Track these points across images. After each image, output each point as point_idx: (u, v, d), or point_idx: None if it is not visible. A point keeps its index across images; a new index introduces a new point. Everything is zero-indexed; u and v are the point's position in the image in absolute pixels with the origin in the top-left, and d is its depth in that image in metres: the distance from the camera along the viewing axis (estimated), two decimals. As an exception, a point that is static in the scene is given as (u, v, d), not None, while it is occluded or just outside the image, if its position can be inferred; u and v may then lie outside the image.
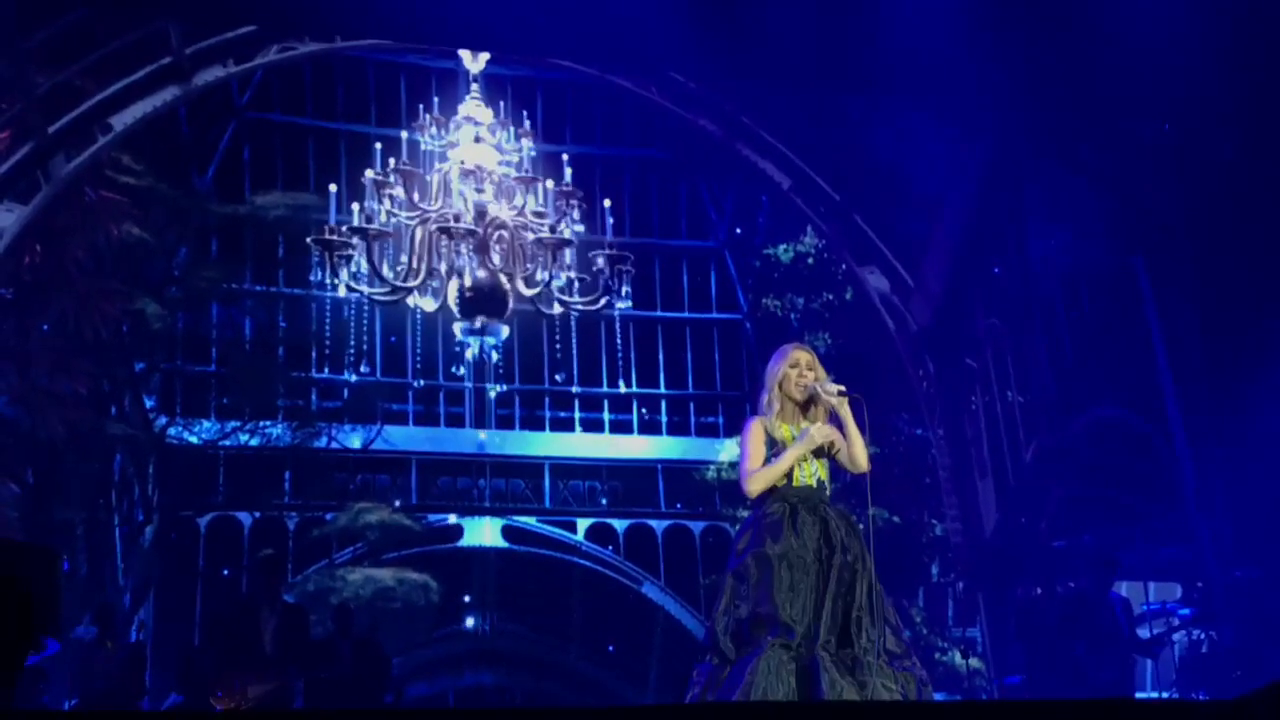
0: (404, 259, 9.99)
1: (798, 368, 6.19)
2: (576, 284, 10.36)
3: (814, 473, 6.12)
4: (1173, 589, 14.76)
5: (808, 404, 6.17)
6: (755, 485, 6.02)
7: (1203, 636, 13.19)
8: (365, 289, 9.92)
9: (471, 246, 9.73)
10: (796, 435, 6.08)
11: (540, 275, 10.12)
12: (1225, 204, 12.72)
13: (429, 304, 10.19)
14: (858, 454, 6.10)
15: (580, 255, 10.41)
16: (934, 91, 13.69)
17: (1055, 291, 15.21)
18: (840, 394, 6.06)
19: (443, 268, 9.89)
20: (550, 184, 10.18)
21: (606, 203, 10.49)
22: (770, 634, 5.70)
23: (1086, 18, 11.98)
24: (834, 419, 6.14)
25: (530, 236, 10.15)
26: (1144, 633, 12.30)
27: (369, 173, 9.81)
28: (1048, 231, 15.30)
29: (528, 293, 10.16)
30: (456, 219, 9.87)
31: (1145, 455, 13.88)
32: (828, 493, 6.20)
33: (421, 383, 15.51)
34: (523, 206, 10.23)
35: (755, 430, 6.10)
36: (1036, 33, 12.26)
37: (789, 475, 6.06)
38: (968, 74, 12.72)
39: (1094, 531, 14.44)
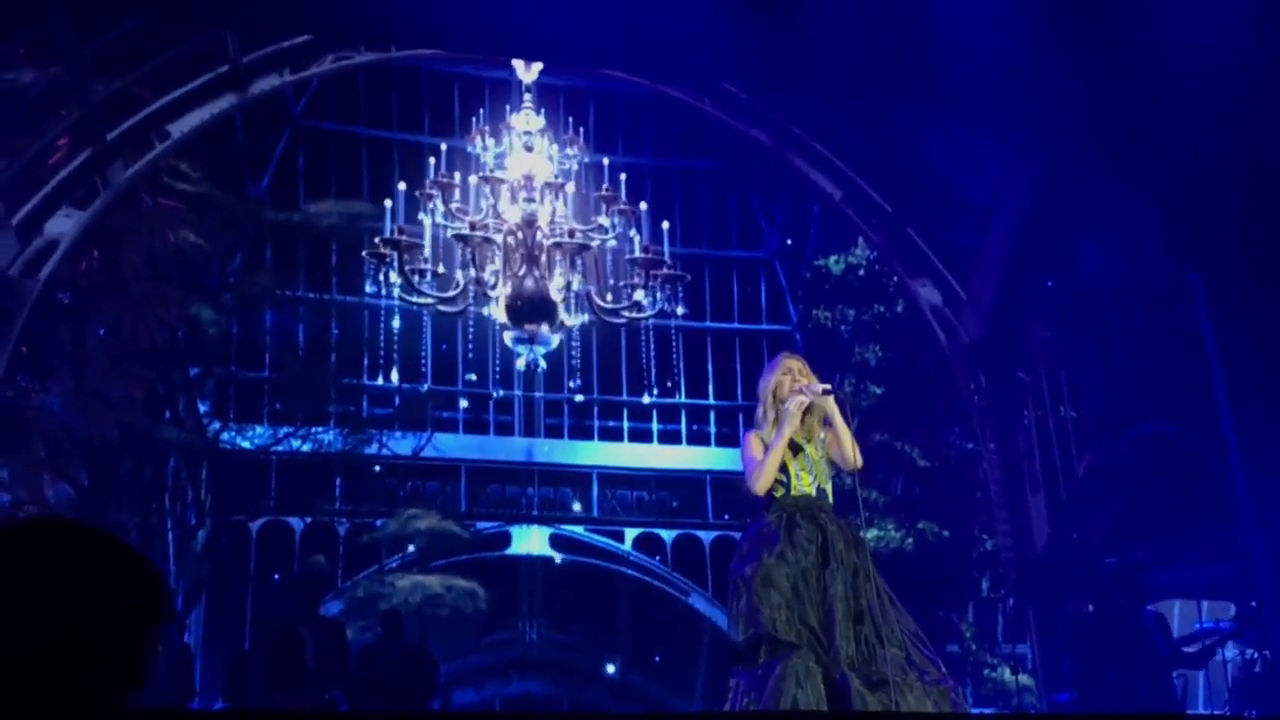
0: (458, 268, 10.05)
1: (790, 374, 6.12)
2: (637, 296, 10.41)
3: (813, 481, 6.00)
4: (1226, 607, 14.60)
5: (804, 414, 6.06)
6: (760, 480, 5.92)
7: (1255, 655, 13.03)
8: (423, 297, 9.98)
9: (534, 256, 9.79)
10: (800, 443, 6.01)
11: (610, 289, 10.18)
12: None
13: (500, 312, 10.24)
14: (846, 448, 5.98)
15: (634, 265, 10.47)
16: (987, 103, 13.62)
17: (1109, 305, 15.09)
18: (825, 392, 5.96)
19: (489, 277, 9.94)
20: (624, 199, 10.24)
21: (665, 225, 10.53)
22: (786, 650, 5.61)
23: (1141, 28, 11.88)
24: (825, 422, 6.07)
25: (596, 248, 10.20)
26: (1191, 648, 12.17)
27: (439, 179, 9.87)
28: (1101, 245, 15.19)
29: (594, 304, 10.21)
30: (514, 228, 9.93)
31: (1198, 472, 13.73)
32: (829, 501, 6.07)
33: (501, 392, 15.49)
34: (586, 219, 10.29)
35: (754, 442, 6.02)
36: (1091, 44, 12.16)
37: (787, 485, 5.95)
38: (1021, 86, 12.65)
39: (1146, 547, 14.31)
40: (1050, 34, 11.86)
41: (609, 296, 10.34)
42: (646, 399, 15.97)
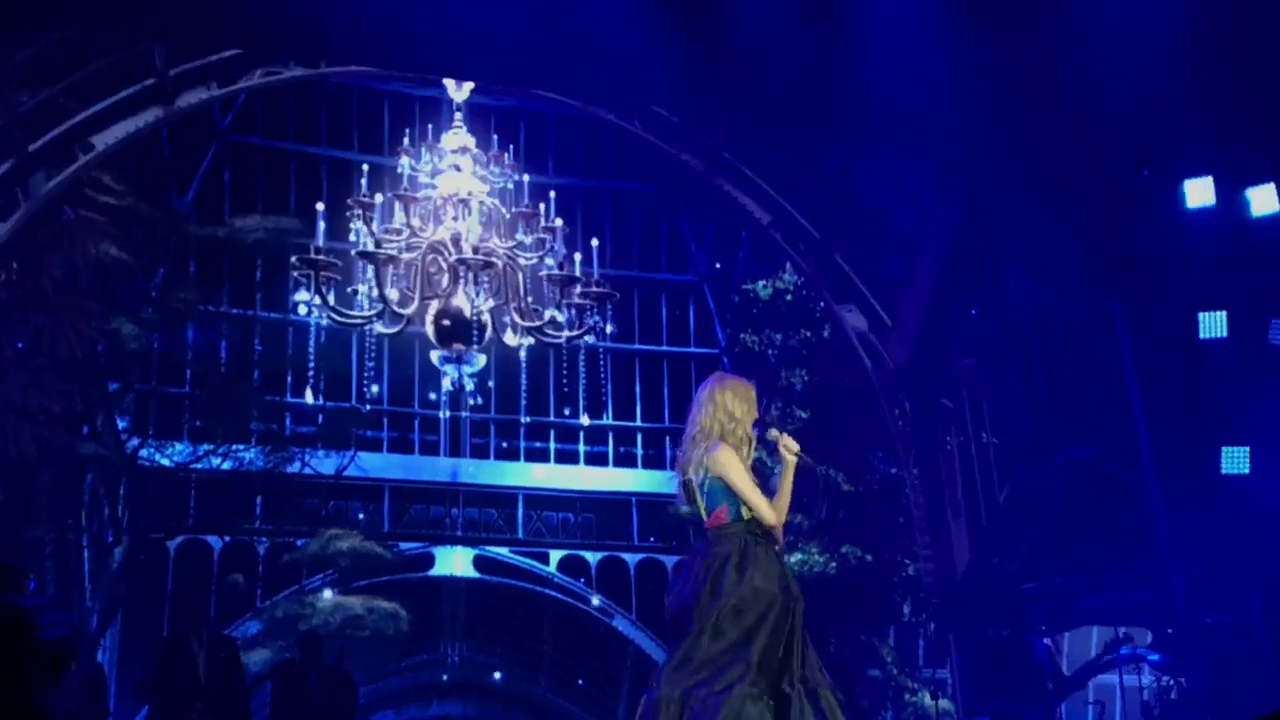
0: (384, 286, 9.97)
1: (753, 406, 6.12)
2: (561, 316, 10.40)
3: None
4: (1144, 634, 14.80)
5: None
6: (782, 515, 5.91)
7: (1171, 682, 13.23)
8: (343, 314, 9.90)
9: (474, 276, 9.74)
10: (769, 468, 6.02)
11: (537, 309, 10.14)
12: (1202, 250, 12.82)
13: (389, 329, 10.17)
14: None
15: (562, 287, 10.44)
16: (915, 133, 13.78)
17: (1032, 334, 15.27)
18: (797, 454, 5.97)
19: (411, 296, 9.89)
20: (553, 219, 10.22)
21: (594, 242, 10.52)
22: (740, 679, 5.60)
23: (1066, 63, 12.07)
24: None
25: (523, 268, 10.18)
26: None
27: (377, 197, 9.81)
28: (1025, 274, 15.38)
29: (521, 324, 10.17)
30: (442, 246, 9.89)
31: (1118, 499, 13.92)
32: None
33: (448, 412, 15.36)
34: (514, 239, 10.26)
35: (734, 457, 5.87)
36: (1017, 78, 12.35)
37: (739, 511, 5.85)
38: (949, 117, 12.81)
39: (1065, 574, 14.48)
40: (977, 67, 12.03)
41: (535, 316, 10.31)
42: (586, 420, 15.96)
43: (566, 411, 16.64)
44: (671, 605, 5.95)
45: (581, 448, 18.40)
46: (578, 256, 10.40)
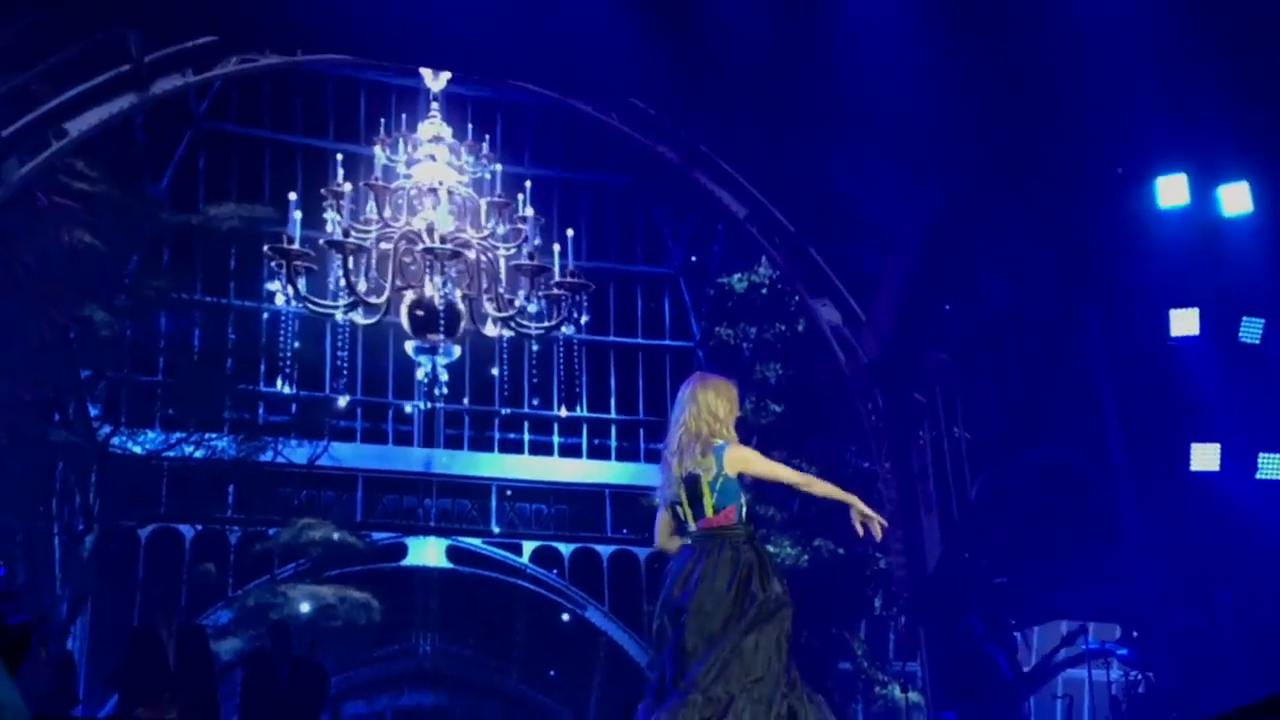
0: (358, 275, 9.93)
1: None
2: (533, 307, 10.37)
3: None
4: (1113, 629, 14.89)
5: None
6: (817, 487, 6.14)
7: (1139, 677, 13.31)
8: (318, 303, 9.86)
9: (441, 265, 9.71)
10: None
11: (512, 300, 10.11)
12: (1175, 248, 12.89)
13: (363, 319, 10.14)
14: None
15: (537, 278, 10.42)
16: (892, 130, 13.80)
17: (1005, 331, 15.33)
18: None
19: (384, 285, 9.85)
20: (530, 209, 10.19)
21: (569, 232, 10.50)
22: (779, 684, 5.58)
23: (1043, 62, 12.12)
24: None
25: (499, 259, 10.14)
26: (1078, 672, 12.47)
27: (347, 185, 9.77)
28: (999, 273, 15.43)
29: (496, 315, 10.14)
30: (417, 237, 9.85)
31: (1089, 496, 13.99)
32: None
33: (426, 404, 15.31)
34: (490, 229, 10.22)
35: (752, 451, 5.94)
36: (994, 76, 12.40)
37: (744, 513, 5.81)
38: (925, 114, 12.84)
39: (1035, 569, 14.55)
40: (953, 66, 12.07)
41: (509, 307, 10.28)
42: (564, 412, 15.92)
43: (535, 402, 16.64)
44: (677, 602, 5.75)
45: (556, 439, 18.39)
46: (556, 248, 10.39)
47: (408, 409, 17.20)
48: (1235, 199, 12.64)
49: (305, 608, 15.13)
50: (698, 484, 5.80)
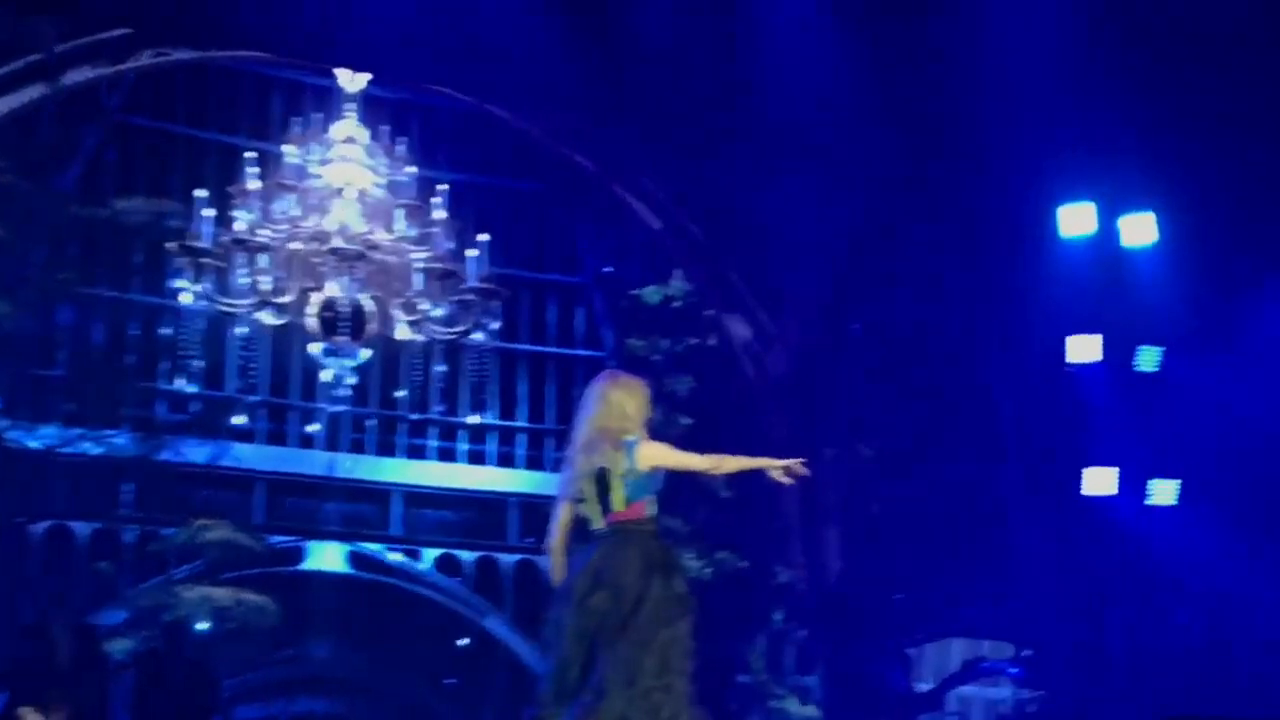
0: (266, 275, 9.87)
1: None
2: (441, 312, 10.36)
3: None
4: (1006, 648, 15.13)
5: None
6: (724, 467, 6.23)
7: (1031, 695, 13.54)
8: (224, 302, 9.78)
9: (346, 267, 9.67)
10: None
11: (422, 304, 10.08)
12: (1078, 275, 13.16)
13: (270, 319, 10.07)
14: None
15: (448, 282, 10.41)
16: (807, 146, 13.96)
17: (910, 348, 15.54)
18: None
19: (292, 285, 9.79)
20: (443, 214, 10.17)
21: (484, 237, 10.48)
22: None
23: (958, 86, 12.33)
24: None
25: (411, 262, 10.11)
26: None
27: (252, 183, 9.69)
28: (909, 292, 15.63)
29: (406, 319, 10.11)
30: (327, 237, 9.81)
31: (987, 515, 14.22)
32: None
33: (340, 408, 15.13)
34: (402, 232, 10.20)
35: (662, 446, 5.90)
36: (910, 97, 12.59)
37: (654, 509, 5.82)
38: (841, 133, 13.01)
39: (934, 586, 14.75)
40: (871, 86, 12.25)
41: (417, 311, 10.26)
42: (477, 419, 15.82)
43: (443, 409, 16.57)
44: (579, 597, 5.65)
45: (462, 446, 18.30)
46: (472, 253, 10.37)
47: (312, 412, 17.03)
48: (1140, 229, 12.92)
49: (200, 609, 14.90)
50: (606, 477, 5.70)
